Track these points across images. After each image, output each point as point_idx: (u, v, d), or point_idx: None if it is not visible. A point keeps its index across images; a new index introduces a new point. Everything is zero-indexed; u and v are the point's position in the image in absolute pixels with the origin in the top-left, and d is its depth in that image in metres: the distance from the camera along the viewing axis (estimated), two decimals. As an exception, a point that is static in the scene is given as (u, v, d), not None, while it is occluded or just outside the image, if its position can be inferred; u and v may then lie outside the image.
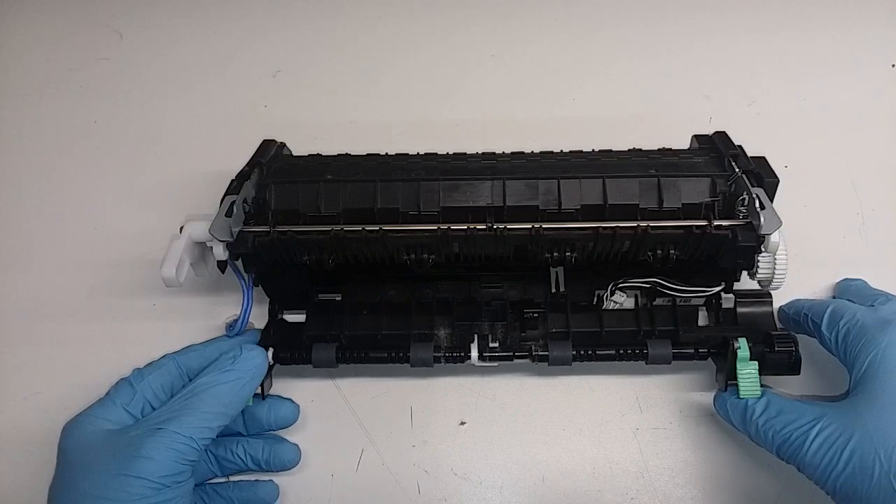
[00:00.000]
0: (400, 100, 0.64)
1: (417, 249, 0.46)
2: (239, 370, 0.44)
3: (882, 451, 0.38)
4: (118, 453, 0.39)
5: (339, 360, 0.48)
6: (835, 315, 0.45)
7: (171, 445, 0.39)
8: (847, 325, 0.44)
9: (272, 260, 0.46)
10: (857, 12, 0.66)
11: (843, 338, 0.44)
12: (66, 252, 0.58)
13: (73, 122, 0.64)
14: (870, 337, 0.42)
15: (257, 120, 0.63)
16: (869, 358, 0.41)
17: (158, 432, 0.40)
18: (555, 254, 0.46)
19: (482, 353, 0.48)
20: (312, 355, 0.48)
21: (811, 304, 0.48)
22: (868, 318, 0.44)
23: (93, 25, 0.69)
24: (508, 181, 0.46)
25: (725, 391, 0.46)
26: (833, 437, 0.39)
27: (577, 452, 0.49)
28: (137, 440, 0.39)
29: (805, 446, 0.40)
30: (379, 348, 0.49)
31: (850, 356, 0.43)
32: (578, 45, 0.66)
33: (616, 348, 0.48)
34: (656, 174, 0.46)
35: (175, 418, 0.40)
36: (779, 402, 0.43)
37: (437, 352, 0.48)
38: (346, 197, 0.46)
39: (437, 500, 0.48)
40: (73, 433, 0.41)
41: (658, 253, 0.46)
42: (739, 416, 0.45)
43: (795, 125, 0.61)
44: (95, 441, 0.40)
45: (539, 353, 0.48)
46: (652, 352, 0.47)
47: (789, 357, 0.46)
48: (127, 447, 0.39)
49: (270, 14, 0.69)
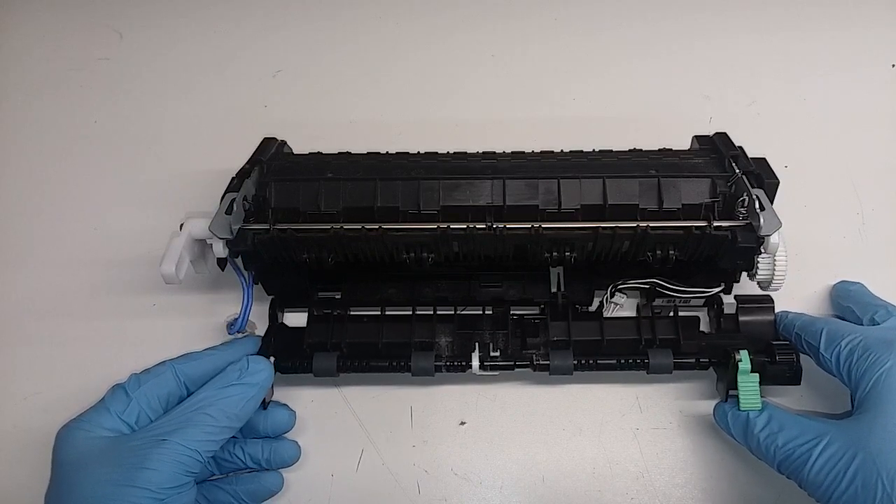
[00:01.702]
0: (400, 100, 0.64)
1: (417, 248, 0.46)
2: (246, 384, 0.43)
3: (885, 474, 0.38)
4: (121, 463, 0.39)
5: (340, 368, 0.48)
6: (833, 335, 0.45)
7: (176, 458, 0.39)
8: (850, 344, 0.44)
9: (272, 258, 0.46)
10: (857, 12, 0.66)
11: (846, 358, 0.44)
12: (66, 252, 0.57)
13: (73, 122, 0.64)
14: (875, 356, 0.42)
15: (257, 120, 0.63)
16: (874, 378, 0.41)
17: (163, 444, 0.39)
18: (554, 253, 0.46)
19: (483, 363, 0.48)
20: (314, 365, 0.48)
21: (802, 323, 0.48)
22: (872, 336, 0.44)
23: (93, 25, 0.69)
24: (508, 180, 0.46)
25: (726, 402, 0.46)
26: (836, 456, 0.39)
27: (577, 452, 0.49)
28: (141, 451, 0.39)
29: (808, 464, 0.40)
30: (380, 357, 0.48)
31: (854, 376, 0.43)
32: (578, 45, 0.66)
33: (617, 357, 0.48)
34: (656, 174, 0.46)
35: (180, 430, 0.40)
36: (781, 417, 0.43)
37: (439, 360, 0.48)
38: (346, 195, 0.46)
39: (437, 500, 0.48)
40: (68, 440, 0.40)
41: (658, 253, 0.46)
42: (741, 429, 0.45)
43: (795, 125, 0.61)
44: (94, 449, 0.40)
45: (540, 362, 0.48)
46: (653, 361, 0.47)
47: (790, 368, 0.46)
48: (130, 457, 0.39)
49: (270, 14, 0.69)
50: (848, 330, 0.45)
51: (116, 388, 0.43)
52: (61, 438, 0.41)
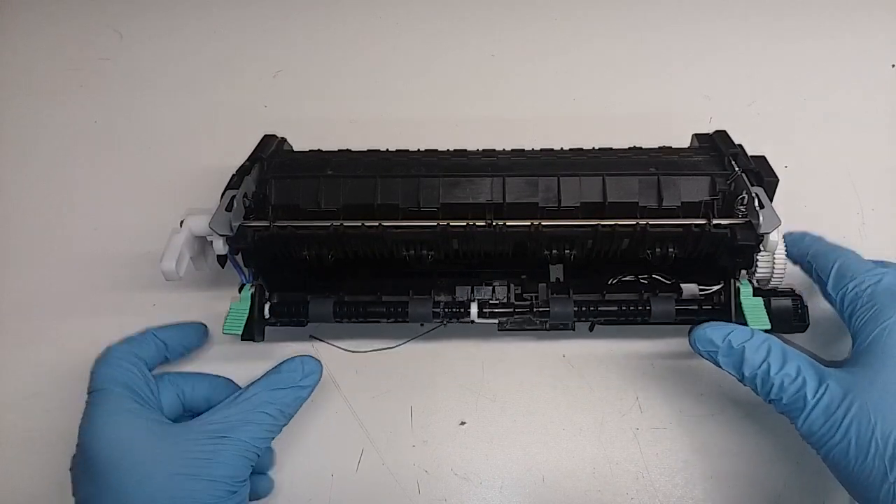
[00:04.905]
0: (400, 100, 0.64)
1: (417, 246, 0.46)
2: (303, 386, 0.45)
3: (879, 433, 0.37)
4: (189, 457, 0.40)
5: (337, 315, 0.47)
6: (842, 274, 0.43)
7: (241, 453, 0.41)
8: (856, 288, 0.43)
9: (272, 255, 0.46)
10: (857, 13, 0.66)
11: (851, 303, 0.42)
12: (66, 251, 0.57)
13: (73, 122, 0.64)
14: (879, 308, 0.41)
15: (257, 120, 0.63)
16: (876, 331, 0.40)
17: (228, 440, 0.41)
18: (554, 251, 0.46)
19: (482, 310, 0.47)
20: (310, 310, 0.47)
21: (816, 251, 0.46)
22: (879, 286, 0.42)
23: (93, 25, 0.69)
24: (508, 178, 0.46)
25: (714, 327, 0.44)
26: (831, 408, 0.39)
27: (577, 452, 0.49)
28: (207, 445, 0.41)
29: (805, 411, 0.39)
30: (378, 304, 0.48)
31: (855, 323, 0.42)
32: (578, 45, 0.66)
33: (619, 305, 0.47)
34: (656, 172, 0.46)
35: (242, 427, 0.42)
36: (780, 353, 0.41)
37: (437, 307, 0.47)
38: (346, 192, 0.46)
39: (437, 500, 0.48)
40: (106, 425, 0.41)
41: (657, 251, 0.46)
42: (736, 357, 0.42)
43: (795, 125, 0.61)
44: (140, 431, 0.41)
45: (540, 308, 0.47)
46: (655, 309, 0.47)
47: (796, 307, 0.45)
48: (197, 451, 0.40)
49: (270, 14, 0.69)
50: (859, 271, 0.43)
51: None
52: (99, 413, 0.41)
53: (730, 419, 0.50)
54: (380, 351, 0.52)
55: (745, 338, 0.42)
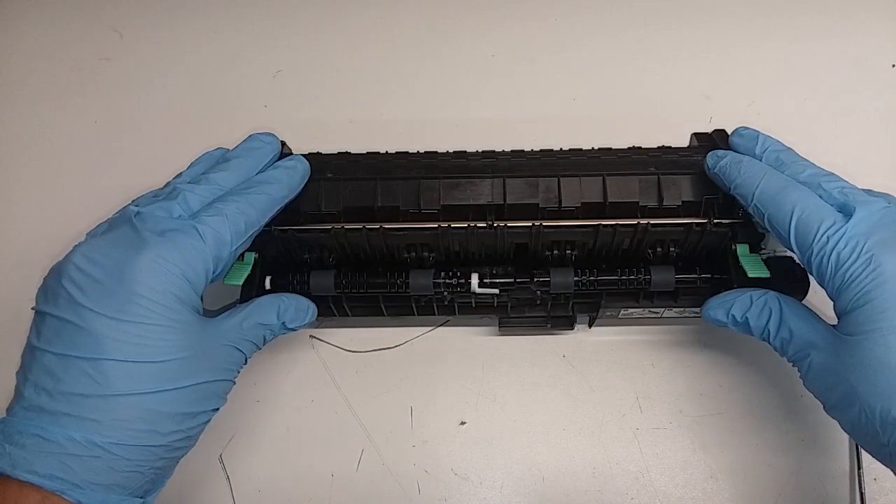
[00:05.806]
0: (400, 100, 0.64)
1: (418, 247, 0.46)
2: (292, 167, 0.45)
3: (867, 408, 0.35)
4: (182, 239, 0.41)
5: (338, 286, 0.47)
6: (806, 224, 0.37)
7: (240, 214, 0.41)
8: (821, 252, 0.36)
9: (272, 258, 0.46)
10: (857, 13, 0.66)
11: (818, 267, 0.37)
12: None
13: (73, 122, 0.64)
14: (866, 259, 0.35)
15: (257, 120, 0.63)
16: (863, 290, 0.35)
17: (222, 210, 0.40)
18: (555, 251, 0.46)
19: (482, 280, 0.47)
20: (310, 282, 0.47)
21: (763, 194, 0.40)
22: (861, 225, 0.36)
23: (93, 25, 0.69)
24: (508, 179, 0.46)
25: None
26: (822, 374, 0.38)
27: (577, 452, 0.49)
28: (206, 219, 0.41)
29: (802, 371, 0.39)
30: (378, 275, 0.48)
31: (829, 289, 0.37)
32: (578, 45, 0.66)
33: (619, 271, 0.47)
34: (656, 172, 0.46)
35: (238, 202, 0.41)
36: (778, 316, 0.40)
37: (437, 278, 0.47)
38: (346, 195, 0.46)
39: (437, 500, 0.48)
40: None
41: (658, 250, 0.46)
42: (745, 327, 0.42)
43: (795, 125, 0.61)
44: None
45: (541, 278, 0.47)
46: (655, 277, 0.47)
47: (796, 265, 0.44)
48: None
49: (270, 14, 0.69)
50: (821, 218, 0.37)
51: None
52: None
53: (730, 419, 0.50)
54: (380, 351, 0.53)
55: (746, 307, 0.42)
